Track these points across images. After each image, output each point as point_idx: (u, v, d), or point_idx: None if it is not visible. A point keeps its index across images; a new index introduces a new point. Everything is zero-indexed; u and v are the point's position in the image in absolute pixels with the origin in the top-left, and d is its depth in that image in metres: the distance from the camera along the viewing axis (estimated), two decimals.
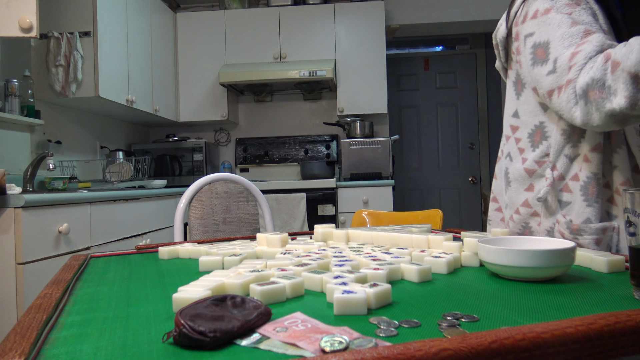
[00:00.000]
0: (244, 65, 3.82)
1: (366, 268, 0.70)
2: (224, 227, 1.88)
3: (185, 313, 0.46)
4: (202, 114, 3.98)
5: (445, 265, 0.75)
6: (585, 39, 0.89)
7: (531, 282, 0.68)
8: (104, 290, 0.71)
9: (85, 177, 2.97)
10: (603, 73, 0.81)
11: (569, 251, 0.67)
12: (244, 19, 3.94)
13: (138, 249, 1.11)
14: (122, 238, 2.50)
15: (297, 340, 0.43)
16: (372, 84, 3.86)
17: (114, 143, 3.69)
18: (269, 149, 4.19)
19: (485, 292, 0.63)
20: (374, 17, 3.88)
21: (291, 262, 0.76)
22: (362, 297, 0.53)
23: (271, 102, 4.34)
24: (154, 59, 3.57)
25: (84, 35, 2.75)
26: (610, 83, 0.80)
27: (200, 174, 3.80)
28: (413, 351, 0.38)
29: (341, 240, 1.01)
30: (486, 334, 0.41)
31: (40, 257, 1.88)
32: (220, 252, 0.90)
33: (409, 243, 0.92)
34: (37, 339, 0.47)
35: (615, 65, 0.79)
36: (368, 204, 3.49)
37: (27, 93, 2.60)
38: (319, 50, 3.90)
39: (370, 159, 3.64)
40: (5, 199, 1.76)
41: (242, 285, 0.62)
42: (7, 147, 2.54)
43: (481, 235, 0.96)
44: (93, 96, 2.77)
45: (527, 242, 0.78)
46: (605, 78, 0.81)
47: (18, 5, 2.09)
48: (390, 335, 0.46)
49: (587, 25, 0.92)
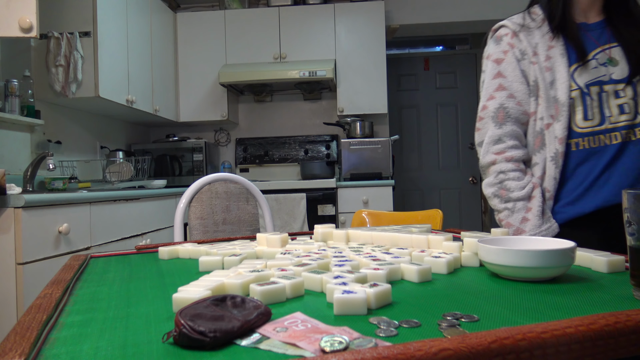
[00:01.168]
0: (244, 65, 3.82)
1: (366, 268, 0.70)
2: (224, 227, 1.88)
3: (185, 313, 0.46)
4: (202, 114, 3.98)
5: (445, 265, 0.75)
6: (495, 92, 1.20)
7: (531, 282, 0.68)
8: (104, 290, 0.71)
9: (85, 177, 2.97)
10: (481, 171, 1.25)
11: (568, 251, 0.67)
12: (244, 19, 3.94)
13: (138, 249, 1.11)
14: (122, 238, 2.50)
15: (297, 340, 0.43)
16: (372, 84, 3.86)
17: (114, 143, 3.69)
18: (269, 149, 4.19)
19: (485, 292, 0.63)
20: (374, 17, 3.88)
21: (291, 262, 0.76)
22: (362, 297, 0.53)
23: (271, 102, 4.34)
24: (154, 59, 3.57)
25: (84, 35, 2.75)
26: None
27: (200, 174, 3.80)
28: (413, 351, 0.38)
29: (341, 240, 1.01)
30: (486, 334, 0.41)
31: (40, 257, 1.88)
32: (220, 252, 0.89)
33: (409, 243, 0.92)
34: (37, 339, 0.47)
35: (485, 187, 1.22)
36: (368, 204, 3.49)
37: (27, 93, 2.60)
38: (319, 50, 3.90)
39: (370, 159, 3.64)
40: (5, 199, 1.76)
41: (242, 285, 0.62)
42: (7, 147, 2.54)
43: (481, 235, 0.96)
44: (93, 96, 2.77)
45: (527, 242, 0.78)
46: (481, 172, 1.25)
47: (18, 5, 2.09)
48: (390, 335, 0.46)
49: (503, 80, 1.20)
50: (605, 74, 1.12)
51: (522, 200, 1.14)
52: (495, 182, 1.18)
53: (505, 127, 1.18)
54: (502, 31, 1.23)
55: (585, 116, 1.12)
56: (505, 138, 1.18)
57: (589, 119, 1.12)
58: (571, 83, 1.13)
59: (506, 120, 1.18)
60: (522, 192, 1.14)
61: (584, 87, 1.12)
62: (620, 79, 1.12)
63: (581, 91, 1.12)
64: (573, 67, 1.14)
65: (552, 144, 1.13)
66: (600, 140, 1.11)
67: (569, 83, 1.12)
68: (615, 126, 1.10)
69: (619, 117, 1.10)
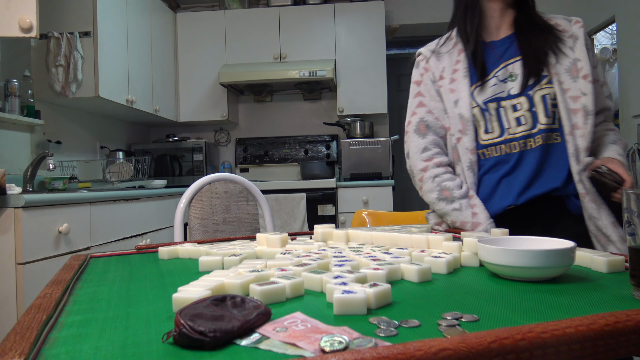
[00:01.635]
0: (244, 65, 3.82)
1: (366, 268, 0.70)
2: (224, 227, 1.88)
3: (185, 313, 0.46)
4: (202, 114, 3.98)
5: (445, 265, 0.75)
6: (416, 109, 1.35)
7: (531, 282, 0.68)
8: (104, 290, 0.70)
9: (85, 177, 2.97)
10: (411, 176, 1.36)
11: (568, 251, 0.67)
12: (244, 19, 3.94)
13: (138, 249, 1.11)
14: (122, 238, 2.50)
15: (296, 340, 0.43)
16: (372, 84, 3.86)
17: (114, 143, 3.69)
18: (269, 149, 4.19)
19: (485, 292, 0.63)
20: (374, 17, 3.88)
21: (291, 262, 0.76)
22: (362, 297, 0.53)
23: (271, 102, 4.34)
24: (154, 59, 3.57)
25: (84, 35, 2.76)
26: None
27: (200, 174, 3.80)
28: (413, 351, 0.38)
29: (341, 240, 1.01)
30: (486, 334, 0.41)
31: (40, 257, 1.88)
32: (220, 252, 0.89)
33: (408, 243, 0.92)
34: (37, 339, 0.47)
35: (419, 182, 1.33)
36: (368, 204, 3.49)
37: (27, 93, 2.60)
38: (318, 50, 3.90)
39: (370, 159, 3.64)
40: (5, 199, 1.76)
41: (242, 285, 0.62)
42: (7, 147, 2.54)
43: (481, 235, 0.96)
44: (93, 96, 2.77)
45: (527, 242, 0.78)
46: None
47: (18, 5, 2.09)
48: (390, 335, 0.46)
49: (422, 98, 1.35)
50: (503, 91, 1.25)
51: (464, 198, 1.24)
52: (434, 187, 1.28)
53: (428, 137, 1.32)
54: (419, 57, 1.40)
55: (486, 130, 1.26)
56: (429, 146, 1.32)
57: (489, 132, 1.26)
58: (471, 101, 1.27)
59: (427, 132, 1.33)
60: (462, 191, 1.25)
61: (482, 104, 1.26)
62: (516, 93, 1.24)
63: (480, 108, 1.26)
64: (474, 86, 1.28)
65: (465, 155, 1.27)
66: (502, 149, 1.24)
67: (470, 101, 1.27)
68: (513, 137, 1.23)
69: (517, 129, 1.23)
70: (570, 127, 1.19)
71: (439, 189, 1.27)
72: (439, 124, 1.33)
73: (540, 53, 1.24)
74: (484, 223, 1.20)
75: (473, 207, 1.22)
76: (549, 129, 1.21)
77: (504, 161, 1.24)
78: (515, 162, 1.23)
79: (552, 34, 1.25)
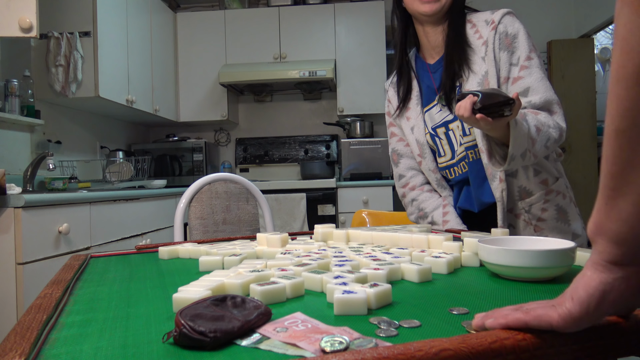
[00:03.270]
0: (244, 65, 3.82)
1: (366, 268, 0.70)
2: (224, 227, 1.88)
3: (185, 313, 0.46)
4: (202, 114, 3.97)
5: (445, 265, 0.75)
6: (390, 139, 1.45)
7: (532, 282, 0.67)
8: (104, 290, 0.70)
9: (85, 177, 2.97)
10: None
11: (569, 251, 0.67)
12: (244, 19, 3.94)
13: (138, 248, 1.11)
14: (122, 238, 2.50)
15: (297, 341, 0.43)
16: (372, 84, 3.86)
17: (114, 143, 3.69)
18: (269, 149, 4.19)
19: (486, 292, 0.63)
20: (374, 17, 3.88)
21: (291, 262, 0.76)
22: (362, 297, 0.53)
23: (271, 102, 4.34)
24: (154, 59, 3.57)
25: (84, 35, 2.75)
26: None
27: (200, 174, 3.80)
28: (413, 351, 0.38)
29: (341, 240, 1.01)
30: (487, 334, 0.41)
31: (40, 257, 1.88)
32: (220, 252, 0.89)
33: (409, 243, 0.92)
34: (37, 339, 0.47)
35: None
36: (368, 204, 3.49)
37: (27, 93, 2.60)
38: (319, 50, 3.89)
39: (370, 159, 3.64)
40: (5, 199, 1.76)
41: (242, 285, 0.62)
42: (7, 147, 2.54)
43: (481, 235, 0.96)
44: (93, 96, 2.77)
45: (527, 242, 0.78)
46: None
47: (18, 5, 2.09)
48: (391, 335, 0.46)
49: (393, 128, 1.42)
50: (449, 113, 1.26)
51: (436, 210, 1.33)
52: (414, 210, 1.39)
53: (400, 164, 1.41)
54: (385, 90, 1.46)
55: (439, 154, 1.31)
56: (403, 172, 1.40)
57: (442, 156, 1.30)
58: (424, 127, 1.31)
59: (400, 159, 1.41)
60: (434, 204, 1.34)
61: (431, 130, 1.30)
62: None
63: (430, 134, 1.30)
64: (425, 110, 1.32)
65: (431, 176, 1.34)
66: (455, 171, 1.28)
67: (423, 127, 1.31)
68: (460, 157, 1.26)
69: (458, 149, 1.26)
70: (481, 144, 1.16)
71: (417, 210, 1.38)
72: (409, 150, 1.39)
73: (457, 74, 1.21)
74: (452, 221, 1.28)
75: (445, 216, 1.31)
76: (472, 146, 1.23)
77: (463, 179, 1.28)
78: (465, 178, 1.27)
79: (466, 51, 1.21)
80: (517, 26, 1.17)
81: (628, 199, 0.38)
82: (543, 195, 1.19)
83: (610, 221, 0.39)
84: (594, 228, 0.41)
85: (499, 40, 1.17)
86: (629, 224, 0.38)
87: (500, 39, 1.17)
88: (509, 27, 1.17)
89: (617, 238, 0.39)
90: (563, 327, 0.41)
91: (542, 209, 1.19)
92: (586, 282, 0.41)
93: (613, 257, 0.40)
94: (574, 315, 0.40)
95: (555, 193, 1.20)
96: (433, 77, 1.29)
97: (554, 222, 1.20)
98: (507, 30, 1.17)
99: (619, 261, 0.40)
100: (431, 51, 1.30)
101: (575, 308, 0.40)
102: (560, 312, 0.41)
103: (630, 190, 0.38)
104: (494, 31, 1.17)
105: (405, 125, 1.36)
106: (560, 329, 0.41)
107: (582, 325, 0.41)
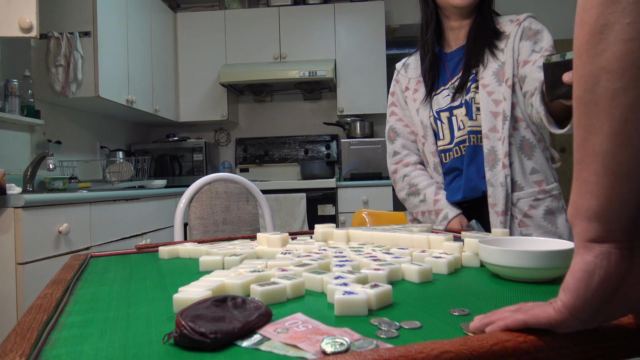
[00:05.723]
0: (244, 65, 3.82)
1: (367, 268, 0.69)
2: (224, 227, 1.88)
3: (185, 314, 0.46)
4: (202, 114, 3.97)
5: (446, 266, 0.74)
6: (389, 118, 1.50)
7: (532, 283, 0.67)
8: (104, 290, 0.70)
9: (85, 177, 2.97)
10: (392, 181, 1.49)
11: (570, 252, 0.67)
12: (244, 19, 3.94)
13: (138, 248, 1.11)
14: (122, 238, 2.50)
15: (298, 342, 0.43)
16: (372, 84, 3.86)
17: (114, 143, 3.69)
18: (269, 149, 4.19)
19: (486, 292, 0.63)
20: (374, 17, 3.88)
21: (292, 262, 0.76)
22: (363, 298, 0.53)
23: (271, 102, 4.34)
24: (154, 59, 3.57)
25: (84, 35, 2.75)
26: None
27: (200, 174, 3.80)
28: (414, 353, 0.38)
29: (341, 240, 1.01)
30: (487, 336, 0.41)
31: (40, 257, 1.88)
32: (221, 252, 0.89)
33: (409, 243, 0.92)
34: (37, 340, 0.47)
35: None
36: (368, 204, 3.49)
37: (27, 93, 2.60)
38: (319, 50, 3.89)
39: (370, 159, 3.64)
40: (5, 199, 1.76)
41: (242, 285, 0.62)
42: (7, 147, 2.54)
43: (482, 235, 0.96)
44: (93, 96, 2.77)
45: (528, 242, 0.78)
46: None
47: (18, 5, 2.09)
48: (391, 336, 0.46)
49: (394, 108, 1.49)
50: (456, 100, 1.33)
51: (429, 187, 1.36)
52: (404, 185, 1.42)
53: (396, 142, 1.46)
54: (395, 70, 1.52)
55: (439, 137, 1.37)
56: (398, 150, 1.45)
57: (440, 139, 1.36)
58: (429, 110, 1.38)
59: (396, 137, 1.46)
60: (427, 181, 1.38)
61: (435, 113, 1.36)
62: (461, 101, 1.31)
63: (434, 117, 1.36)
64: (432, 96, 1.38)
65: (430, 158, 1.39)
66: (448, 155, 1.34)
67: (428, 110, 1.38)
68: (457, 141, 1.31)
69: (457, 134, 1.31)
70: (487, 129, 1.25)
71: (408, 186, 1.41)
72: (408, 130, 1.46)
73: (478, 60, 1.29)
74: (445, 208, 1.31)
75: (436, 195, 1.34)
76: (476, 132, 1.29)
77: (457, 165, 1.34)
78: (461, 165, 1.32)
79: (492, 38, 1.29)
80: (541, 26, 1.27)
81: (591, 169, 0.38)
82: (535, 193, 1.25)
83: (581, 198, 0.39)
84: (571, 210, 0.40)
85: (521, 33, 1.26)
86: (596, 196, 0.38)
87: (523, 31, 1.26)
88: (533, 24, 1.27)
89: (589, 214, 0.39)
90: (561, 321, 0.40)
91: (531, 206, 1.24)
92: (571, 269, 0.40)
93: (589, 234, 0.39)
94: (568, 305, 0.39)
95: (548, 195, 1.26)
96: (448, 65, 1.37)
97: (541, 221, 1.24)
98: (531, 26, 1.26)
99: (595, 238, 0.39)
100: (450, 42, 1.38)
101: (567, 297, 0.40)
102: (555, 306, 0.40)
103: (591, 159, 0.37)
104: (518, 26, 1.27)
105: (412, 106, 1.42)
106: (558, 324, 0.40)
107: (580, 314, 0.39)
